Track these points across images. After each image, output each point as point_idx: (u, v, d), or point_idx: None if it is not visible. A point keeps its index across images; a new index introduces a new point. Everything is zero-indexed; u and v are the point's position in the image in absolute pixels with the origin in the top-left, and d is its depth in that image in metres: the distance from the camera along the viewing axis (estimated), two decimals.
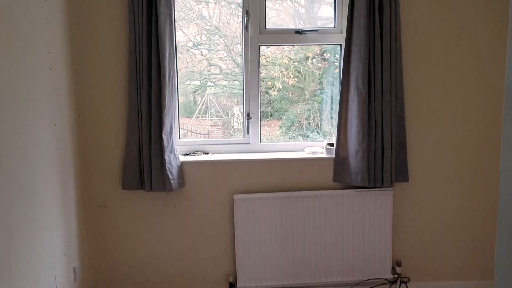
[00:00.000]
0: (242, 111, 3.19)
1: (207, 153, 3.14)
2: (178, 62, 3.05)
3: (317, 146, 3.17)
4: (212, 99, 3.32)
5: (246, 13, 3.01)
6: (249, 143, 3.18)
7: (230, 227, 3.05)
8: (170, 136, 2.86)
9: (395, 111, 2.89)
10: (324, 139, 3.26)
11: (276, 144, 3.23)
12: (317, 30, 3.08)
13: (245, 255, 2.99)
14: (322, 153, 3.09)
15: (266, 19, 3.07)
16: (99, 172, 2.96)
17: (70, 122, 2.59)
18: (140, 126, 2.83)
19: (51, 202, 2.30)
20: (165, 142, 2.82)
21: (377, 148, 2.89)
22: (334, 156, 3.03)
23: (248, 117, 3.13)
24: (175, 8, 2.99)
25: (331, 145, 3.06)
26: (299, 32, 3.06)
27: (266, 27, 3.07)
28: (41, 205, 2.19)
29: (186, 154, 3.10)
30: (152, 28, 2.75)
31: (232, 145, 3.19)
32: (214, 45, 3.26)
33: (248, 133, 3.17)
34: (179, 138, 3.15)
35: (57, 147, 2.37)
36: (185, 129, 3.28)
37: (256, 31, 3.05)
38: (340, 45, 3.11)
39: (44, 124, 2.24)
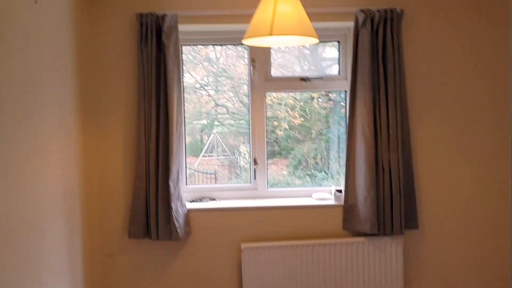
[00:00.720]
0: (249, 150, 3.19)
1: (214, 199, 3.12)
2: (185, 104, 3.09)
3: (326, 192, 3.14)
4: (219, 138, 3.35)
5: (252, 61, 3.06)
6: (256, 189, 3.16)
7: (238, 276, 2.99)
8: (177, 183, 2.85)
9: (402, 157, 2.88)
10: (333, 180, 3.24)
11: (283, 190, 3.21)
12: (322, 78, 3.12)
13: None
14: (331, 199, 3.06)
15: (273, 65, 3.12)
16: (106, 220, 2.94)
17: (78, 171, 2.59)
18: (147, 173, 2.83)
19: (57, 252, 2.28)
20: (171, 190, 2.81)
21: (386, 195, 2.86)
22: (343, 203, 3.00)
23: (255, 163, 3.13)
24: (182, 52, 3.06)
25: (340, 191, 3.03)
26: (304, 79, 3.10)
27: (272, 74, 3.12)
28: (47, 254, 2.16)
29: (193, 201, 3.09)
30: (161, 79, 2.80)
31: (239, 191, 3.17)
32: (221, 86, 3.31)
33: (255, 179, 3.16)
34: (186, 184, 3.14)
35: (65, 197, 2.37)
36: (192, 169, 3.27)
37: (262, 78, 3.09)
38: (345, 91, 3.14)
39: (53, 174, 2.25)
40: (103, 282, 2.95)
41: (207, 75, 3.27)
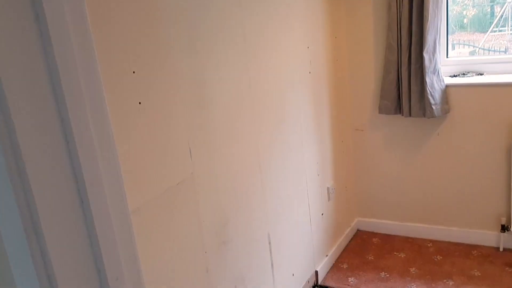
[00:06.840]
0: None
1: (481, 74, 2.64)
2: None
3: None
4: None
5: None
6: None
7: (506, 161, 2.55)
8: (433, 55, 2.51)
9: None
10: None
11: None
12: None
13: None
14: None
15: None
16: (356, 96, 2.88)
17: (324, 44, 2.55)
18: (399, 45, 2.58)
19: (303, 124, 2.35)
20: (426, 62, 2.49)
21: None
22: None
23: None
24: None
25: None
26: None
27: None
28: (292, 126, 2.26)
29: (454, 76, 2.69)
30: None
31: None
32: None
33: None
34: (447, 56, 2.74)
35: (310, 70, 2.39)
36: (475, 46, 2.82)
37: None
38: None
39: (297, 46, 2.26)
40: (352, 156, 2.98)
41: None
